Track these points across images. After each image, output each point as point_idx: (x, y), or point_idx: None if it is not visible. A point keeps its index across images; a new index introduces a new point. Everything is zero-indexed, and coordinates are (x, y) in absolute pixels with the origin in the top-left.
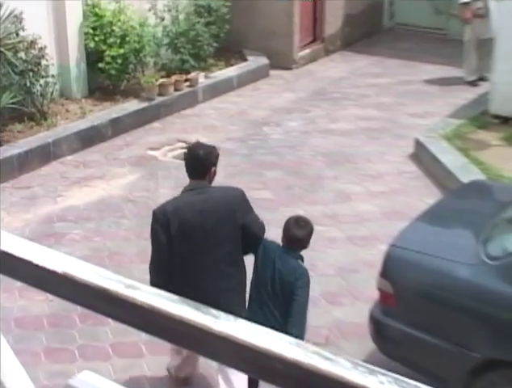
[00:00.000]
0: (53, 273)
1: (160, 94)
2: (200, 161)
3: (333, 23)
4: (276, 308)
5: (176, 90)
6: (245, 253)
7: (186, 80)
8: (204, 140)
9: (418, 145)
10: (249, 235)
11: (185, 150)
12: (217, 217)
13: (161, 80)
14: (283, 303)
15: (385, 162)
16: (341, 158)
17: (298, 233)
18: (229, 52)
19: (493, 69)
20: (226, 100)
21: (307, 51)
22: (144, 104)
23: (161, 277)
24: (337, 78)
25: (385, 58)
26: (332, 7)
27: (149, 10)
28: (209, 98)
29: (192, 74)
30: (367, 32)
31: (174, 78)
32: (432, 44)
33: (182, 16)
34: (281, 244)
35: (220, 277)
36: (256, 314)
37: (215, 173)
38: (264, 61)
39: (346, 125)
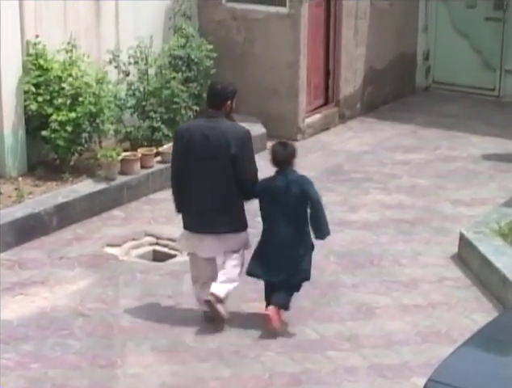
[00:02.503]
0: None
1: (122, 173)
2: (217, 93)
3: (351, 79)
4: (298, 222)
5: (144, 167)
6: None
7: (158, 154)
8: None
9: (464, 243)
10: (237, 173)
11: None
12: (216, 146)
13: (124, 154)
14: (300, 215)
15: (421, 266)
16: (362, 259)
17: (284, 153)
18: None
19: None
20: None
21: (316, 116)
22: (102, 185)
23: (174, 187)
24: (357, 152)
25: (420, 127)
26: (349, 59)
27: (110, 62)
28: None
29: (165, 147)
30: (396, 93)
31: (141, 151)
32: (481, 109)
33: (152, 70)
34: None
35: (210, 203)
36: (278, 231)
37: (231, 107)
38: (260, 129)
39: (369, 216)
